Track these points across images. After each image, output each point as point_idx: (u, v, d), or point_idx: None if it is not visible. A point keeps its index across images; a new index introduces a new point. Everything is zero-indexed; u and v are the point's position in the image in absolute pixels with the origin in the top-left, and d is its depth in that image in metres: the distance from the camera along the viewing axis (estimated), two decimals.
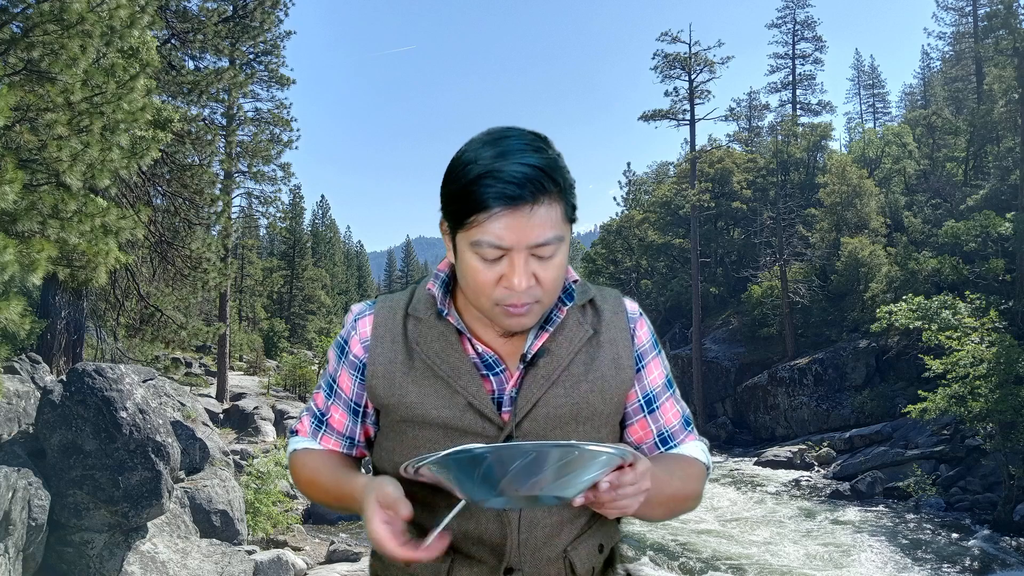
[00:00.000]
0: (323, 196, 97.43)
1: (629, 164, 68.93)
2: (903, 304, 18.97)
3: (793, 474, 20.71)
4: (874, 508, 17.12)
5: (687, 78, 31.93)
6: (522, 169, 1.01)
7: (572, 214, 1.09)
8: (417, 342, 1.19)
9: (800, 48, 38.25)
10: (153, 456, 7.08)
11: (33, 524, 6.18)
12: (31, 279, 6.05)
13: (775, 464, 21.90)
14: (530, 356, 1.17)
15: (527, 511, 1.16)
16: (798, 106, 38.14)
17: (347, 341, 1.26)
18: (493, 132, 1.08)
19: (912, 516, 16.31)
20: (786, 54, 38.37)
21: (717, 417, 28.36)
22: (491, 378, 1.18)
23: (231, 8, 17.35)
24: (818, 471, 20.80)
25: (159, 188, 13.54)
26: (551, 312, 1.18)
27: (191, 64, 16.12)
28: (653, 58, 32.04)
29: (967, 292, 19.24)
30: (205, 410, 12.93)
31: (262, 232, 42.70)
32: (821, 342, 26.59)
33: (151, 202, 13.25)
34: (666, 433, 1.27)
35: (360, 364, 1.24)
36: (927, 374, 16.71)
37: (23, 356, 9.24)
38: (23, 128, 6.55)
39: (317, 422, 1.31)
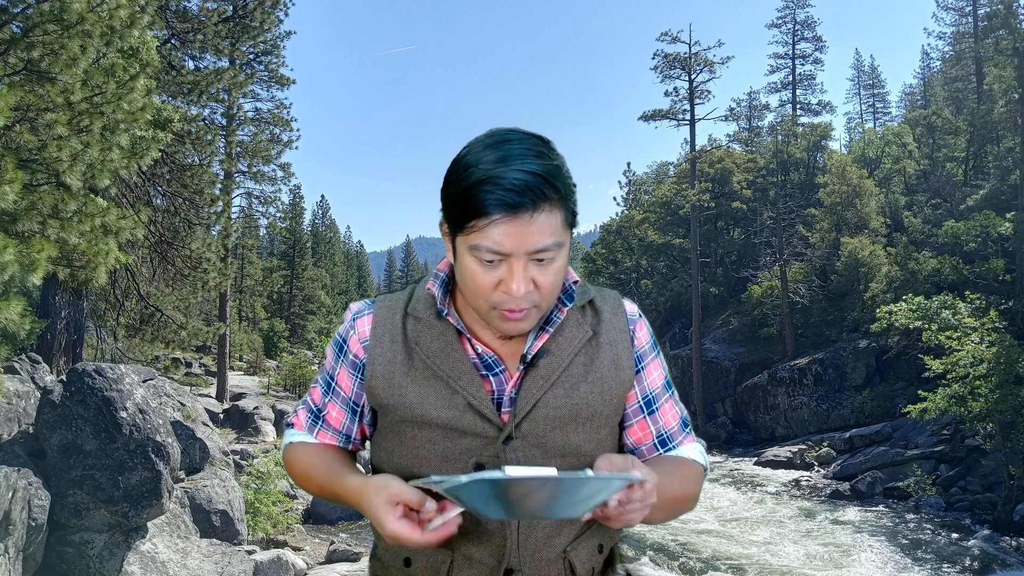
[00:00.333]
0: (323, 196, 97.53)
1: (629, 164, 69.01)
2: (903, 304, 18.96)
3: (793, 474, 20.70)
4: (874, 508, 17.11)
5: (687, 78, 31.94)
6: (523, 176, 1.01)
7: (573, 219, 1.09)
8: (417, 342, 1.19)
9: (800, 48, 38.27)
10: (153, 456, 7.08)
11: (33, 524, 6.18)
12: (31, 279, 6.05)
13: (775, 464, 21.89)
14: (530, 357, 1.17)
15: None
16: (798, 106, 38.14)
17: (346, 340, 1.25)
18: (495, 135, 1.07)
19: (912, 516, 16.30)
20: (786, 54, 38.39)
21: (717, 417, 28.35)
22: (490, 378, 1.18)
23: (231, 8, 17.34)
24: (818, 471, 20.78)
25: (159, 188, 13.54)
26: (551, 313, 1.18)
27: (191, 64, 16.13)
28: (653, 58, 32.07)
29: (967, 292, 19.22)
30: (205, 410, 12.94)
31: (262, 232, 42.73)
32: (821, 342, 26.58)
33: (151, 202, 13.25)
34: (665, 434, 1.27)
35: (360, 364, 1.23)
36: (927, 374, 16.70)
37: (23, 356, 9.24)
38: (23, 128, 6.54)
39: (313, 417, 1.31)
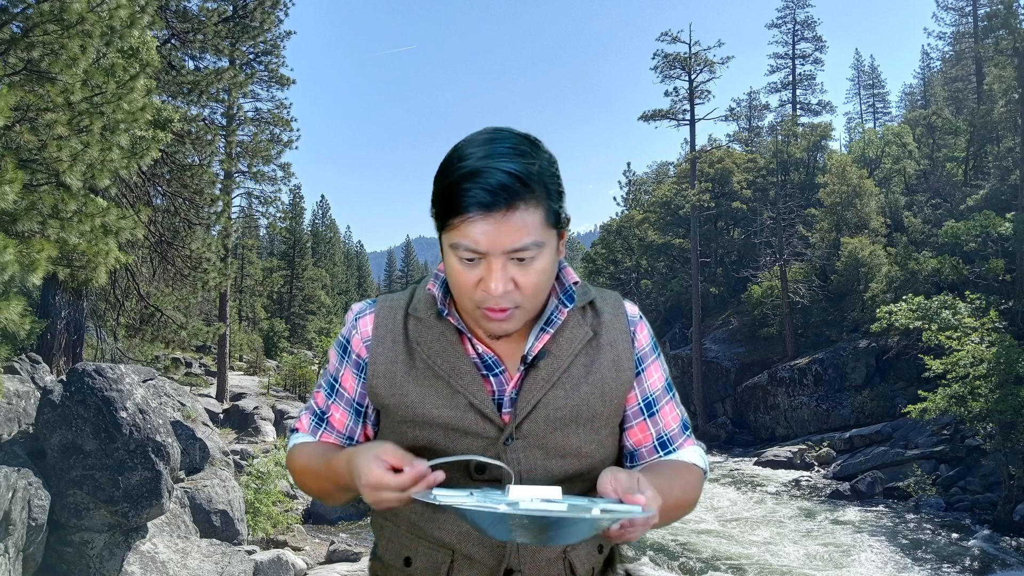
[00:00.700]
0: (323, 196, 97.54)
1: (629, 164, 68.83)
2: (903, 304, 18.96)
3: (793, 474, 20.70)
4: (874, 508, 17.11)
5: (687, 78, 31.94)
6: (498, 176, 1.01)
7: (557, 219, 1.08)
8: (418, 342, 1.19)
9: (800, 48, 38.27)
10: (153, 456, 7.08)
11: (33, 524, 6.18)
12: (31, 279, 6.05)
13: (775, 464, 21.89)
14: (530, 357, 1.17)
15: None
16: (798, 106, 38.14)
17: (349, 340, 1.25)
18: (484, 133, 1.08)
19: (912, 516, 16.30)
20: (786, 54, 38.39)
21: (717, 417, 28.34)
22: (491, 379, 1.18)
23: (231, 8, 17.35)
24: (818, 471, 20.78)
25: (159, 188, 13.54)
26: (551, 313, 1.18)
27: (191, 64, 16.13)
28: (653, 58, 32.08)
29: (967, 292, 19.22)
30: (205, 410, 12.93)
31: (262, 232, 42.73)
32: (821, 342, 26.58)
33: (151, 202, 13.25)
34: (665, 437, 1.27)
35: (363, 363, 1.24)
36: (927, 374, 16.70)
37: (23, 356, 9.23)
38: (23, 128, 6.55)
39: (317, 420, 1.30)
